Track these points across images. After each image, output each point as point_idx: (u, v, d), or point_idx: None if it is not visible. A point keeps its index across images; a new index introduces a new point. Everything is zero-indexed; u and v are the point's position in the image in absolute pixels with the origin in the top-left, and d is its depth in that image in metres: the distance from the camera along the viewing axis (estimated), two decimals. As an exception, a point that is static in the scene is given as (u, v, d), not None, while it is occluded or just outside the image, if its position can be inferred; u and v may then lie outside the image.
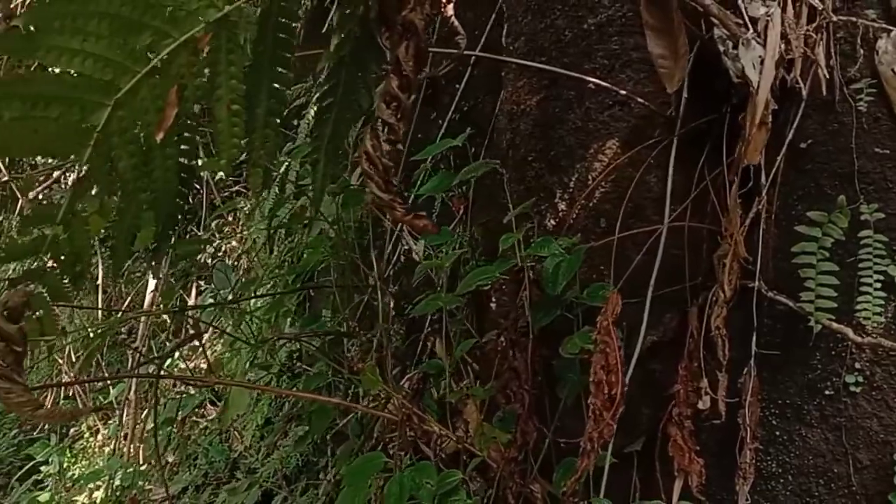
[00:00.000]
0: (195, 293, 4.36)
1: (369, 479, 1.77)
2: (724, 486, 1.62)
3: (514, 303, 1.84)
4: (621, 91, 1.72)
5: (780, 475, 1.59)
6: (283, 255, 3.67)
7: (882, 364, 1.51)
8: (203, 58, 0.96)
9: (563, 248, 1.73)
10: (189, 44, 0.94)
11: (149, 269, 4.34)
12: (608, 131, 1.75)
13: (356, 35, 1.12)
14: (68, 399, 4.62)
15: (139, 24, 0.92)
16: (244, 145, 1.04)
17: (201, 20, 0.95)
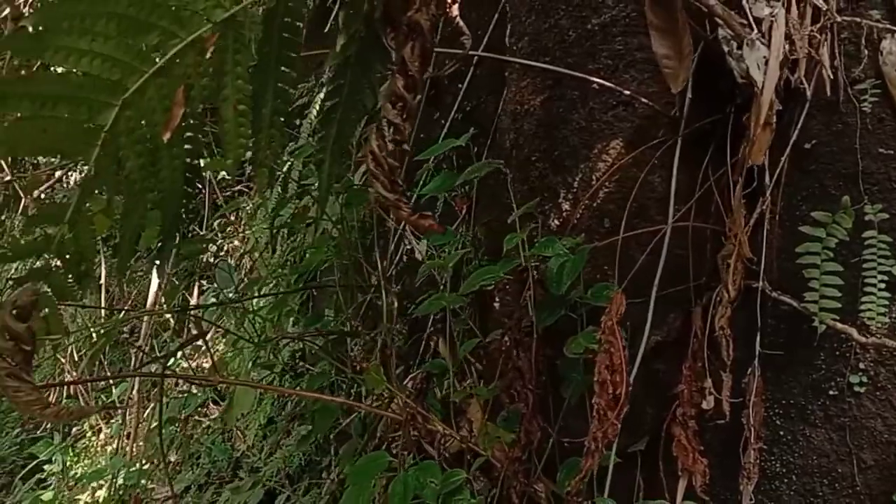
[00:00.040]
0: (197, 293, 4.36)
1: (373, 478, 1.77)
2: (728, 486, 1.63)
3: (518, 302, 1.84)
4: (625, 91, 1.72)
5: (784, 475, 1.60)
6: (285, 254, 3.67)
7: (886, 364, 1.52)
8: (209, 58, 0.96)
9: (567, 248, 1.73)
10: (196, 44, 0.95)
11: (152, 268, 4.34)
12: (612, 131, 1.75)
13: (361, 35, 1.12)
14: (70, 398, 4.63)
15: (146, 25, 0.92)
16: (250, 145, 1.05)
17: (208, 21, 0.95)
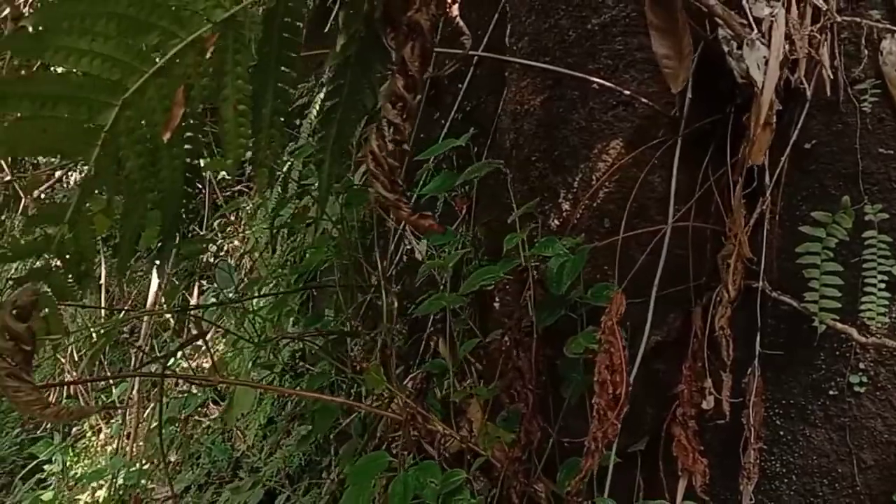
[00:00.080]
0: (197, 293, 4.36)
1: (373, 478, 1.77)
2: (728, 485, 1.63)
3: (518, 302, 1.84)
4: (625, 91, 1.72)
5: (784, 475, 1.60)
6: (285, 254, 3.67)
7: (886, 364, 1.52)
8: (209, 58, 0.96)
9: (567, 248, 1.73)
10: (196, 44, 0.95)
11: (152, 268, 4.34)
12: (612, 131, 1.75)
13: (361, 35, 1.12)
14: (70, 398, 4.63)
15: (146, 25, 0.92)
16: (250, 145, 1.05)
17: (208, 21, 0.95)
